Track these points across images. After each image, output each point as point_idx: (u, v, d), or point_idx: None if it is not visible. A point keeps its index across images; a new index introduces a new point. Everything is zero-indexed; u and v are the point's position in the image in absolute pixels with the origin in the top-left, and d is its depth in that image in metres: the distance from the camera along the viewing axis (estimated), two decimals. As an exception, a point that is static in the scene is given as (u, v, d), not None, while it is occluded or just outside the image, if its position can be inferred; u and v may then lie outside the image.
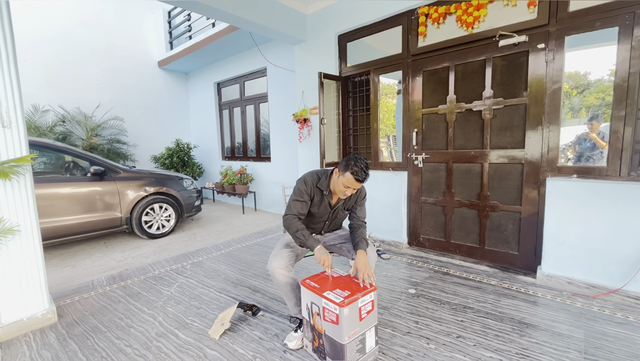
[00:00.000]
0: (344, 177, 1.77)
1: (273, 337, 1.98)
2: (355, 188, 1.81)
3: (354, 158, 1.77)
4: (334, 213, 2.04)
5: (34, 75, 5.48)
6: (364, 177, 1.75)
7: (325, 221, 2.06)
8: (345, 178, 1.76)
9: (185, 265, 3.24)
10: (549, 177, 2.56)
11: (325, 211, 2.00)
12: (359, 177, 1.73)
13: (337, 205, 2.01)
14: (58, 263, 3.46)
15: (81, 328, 2.15)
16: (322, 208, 1.97)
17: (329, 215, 2.03)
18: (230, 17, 3.49)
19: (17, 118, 2.06)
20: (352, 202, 2.04)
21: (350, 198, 2.02)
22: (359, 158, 1.77)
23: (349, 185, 1.78)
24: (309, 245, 1.82)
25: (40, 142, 3.70)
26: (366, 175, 1.76)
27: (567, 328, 1.98)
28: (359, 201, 2.05)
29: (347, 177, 1.75)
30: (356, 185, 1.78)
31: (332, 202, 1.99)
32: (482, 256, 3.04)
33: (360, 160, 1.76)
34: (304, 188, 1.90)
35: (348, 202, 2.04)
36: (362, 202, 2.06)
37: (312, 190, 1.92)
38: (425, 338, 1.93)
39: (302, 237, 1.82)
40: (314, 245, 1.81)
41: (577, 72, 3.09)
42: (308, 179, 1.92)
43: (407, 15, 3.29)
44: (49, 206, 3.48)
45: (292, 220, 1.87)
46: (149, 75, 6.96)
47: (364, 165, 1.75)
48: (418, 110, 3.33)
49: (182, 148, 6.57)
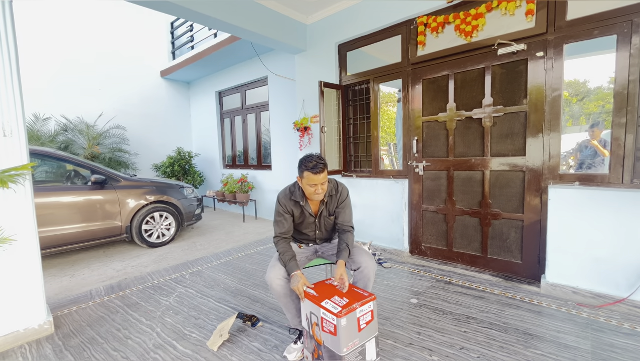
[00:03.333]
0: (304, 178, 1.80)
1: (272, 348, 1.94)
2: (320, 183, 1.80)
3: (303, 158, 1.83)
4: (319, 221, 2.02)
5: (37, 84, 5.54)
6: (316, 165, 1.76)
7: (314, 230, 2.04)
8: (305, 178, 1.80)
9: (185, 275, 3.21)
10: (551, 185, 2.54)
11: (310, 220, 1.99)
12: (313, 168, 1.76)
13: (320, 212, 1.99)
14: (57, 272, 3.43)
15: (78, 339, 2.12)
16: (306, 219, 1.98)
17: (315, 223, 2.01)
18: (231, 28, 3.54)
19: (19, 127, 2.07)
20: (333, 205, 1.99)
21: (332, 202, 1.99)
22: (308, 155, 1.83)
23: (312, 182, 1.78)
24: (287, 270, 1.81)
25: (41, 151, 3.72)
26: (318, 163, 1.77)
27: (573, 339, 1.93)
28: (340, 204, 1.99)
29: (306, 175, 1.78)
30: (316, 179, 1.77)
31: (313, 211, 1.97)
32: (484, 265, 3.00)
33: (309, 155, 1.82)
34: (279, 208, 1.93)
35: (330, 206, 1.99)
36: (343, 204, 1.99)
37: (288, 206, 1.93)
38: (428, 349, 1.88)
39: (282, 261, 1.83)
40: (291, 270, 1.79)
41: (576, 80, 3.10)
42: (281, 197, 1.94)
43: (406, 25, 3.33)
44: (49, 215, 3.48)
45: (277, 243, 1.90)
46: (151, 85, 7.03)
47: (315, 156, 1.80)
48: (418, 118, 3.33)
49: (183, 157, 6.59)
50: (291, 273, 1.78)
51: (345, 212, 1.99)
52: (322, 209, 1.98)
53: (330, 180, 1.97)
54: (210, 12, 3.20)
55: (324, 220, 2.02)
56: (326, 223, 2.04)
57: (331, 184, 1.96)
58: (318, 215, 1.99)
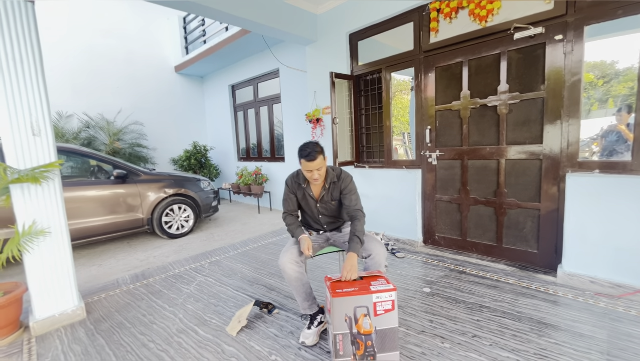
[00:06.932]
0: (301, 164, 1.96)
1: (288, 334, 2.02)
2: (316, 169, 1.93)
3: (300, 146, 1.97)
4: (322, 205, 2.12)
5: (59, 84, 5.77)
6: (310, 153, 1.89)
7: (318, 214, 2.15)
8: (302, 165, 1.95)
9: (204, 264, 3.34)
10: (569, 173, 2.48)
11: (312, 203, 2.13)
12: (307, 156, 1.89)
13: (322, 196, 2.09)
14: (86, 262, 3.65)
15: (108, 323, 2.27)
16: (308, 202, 2.14)
17: (317, 207, 2.12)
18: (241, 21, 3.56)
19: (46, 126, 2.19)
20: (337, 192, 2.09)
21: (335, 188, 2.08)
22: (305, 143, 1.98)
23: (308, 168, 1.93)
24: (295, 235, 2.05)
25: (67, 148, 3.91)
26: (312, 151, 1.89)
27: (589, 329, 1.92)
28: (345, 188, 2.06)
29: (302, 162, 1.94)
30: (311, 165, 1.90)
31: (315, 195, 2.10)
32: (499, 254, 2.98)
33: (306, 143, 1.96)
34: (286, 188, 2.16)
35: (333, 192, 2.09)
36: (347, 189, 2.05)
37: (293, 187, 2.14)
38: (440, 337, 1.92)
39: (290, 231, 2.09)
40: (298, 235, 2.03)
41: (603, 62, 2.95)
42: (288, 179, 2.16)
43: (418, 11, 3.25)
44: (76, 208, 3.68)
45: (285, 217, 2.15)
46: (166, 80, 7.18)
47: (310, 144, 1.93)
48: (431, 107, 3.28)
49: (199, 150, 6.75)
50: (299, 238, 2.01)
51: (350, 197, 2.05)
52: (323, 194, 2.09)
53: (335, 168, 2.12)
54: (220, 6, 3.22)
55: (327, 204, 2.12)
56: (329, 208, 2.14)
57: (335, 172, 2.09)
58: (319, 199, 2.10)
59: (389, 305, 1.64)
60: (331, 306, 1.66)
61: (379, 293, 1.63)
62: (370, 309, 1.64)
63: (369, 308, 1.64)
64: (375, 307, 1.64)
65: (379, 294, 1.64)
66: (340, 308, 1.64)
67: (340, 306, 1.64)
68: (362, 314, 1.65)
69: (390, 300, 1.64)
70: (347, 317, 1.64)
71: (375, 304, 1.64)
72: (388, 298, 1.64)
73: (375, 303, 1.64)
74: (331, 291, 1.66)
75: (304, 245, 1.93)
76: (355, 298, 1.64)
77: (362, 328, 1.65)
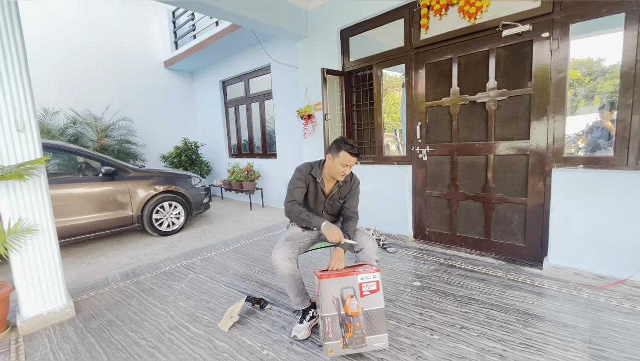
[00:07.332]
0: (339, 157, 1.90)
1: (280, 329, 2.03)
2: (350, 165, 1.93)
3: (341, 139, 1.93)
4: (329, 202, 2.12)
5: (45, 79, 5.62)
6: (356, 150, 1.90)
7: (322, 211, 2.14)
8: (340, 157, 1.90)
9: (195, 261, 3.33)
10: (555, 168, 2.54)
11: (321, 200, 2.10)
12: (352, 150, 1.88)
13: (332, 194, 2.09)
14: (74, 260, 3.59)
15: (97, 322, 2.25)
16: (317, 197, 2.08)
17: (325, 204, 2.12)
18: (232, 16, 3.52)
19: (31, 122, 2.14)
20: (346, 190, 2.11)
21: (346, 187, 2.10)
22: (345, 138, 1.95)
23: (346, 163, 1.90)
24: (314, 224, 1.94)
25: (53, 144, 3.83)
26: (357, 149, 1.92)
27: (572, 319, 1.98)
28: (353, 190, 2.13)
29: (342, 155, 1.89)
30: (351, 161, 1.90)
31: (326, 191, 2.08)
32: (488, 248, 3.04)
33: (345, 138, 1.94)
34: (299, 176, 2.05)
35: (343, 190, 2.11)
36: (354, 191, 2.13)
37: (307, 178, 2.06)
38: (430, 329, 1.96)
39: (307, 217, 1.95)
40: (319, 222, 1.92)
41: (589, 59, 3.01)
42: (302, 168, 2.07)
43: (408, 8, 3.27)
44: (64, 206, 3.61)
45: (293, 205, 2.01)
46: (155, 76, 7.06)
47: (352, 141, 1.92)
48: (422, 103, 3.31)
49: (189, 147, 6.67)
50: (321, 225, 1.90)
51: (353, 198, 2.12)
52: (334, 191, 2.09)
53: None
54: (210, 0, 3.18)
55: (335, 202, 2.13)
56: (334, 206, 2.15)
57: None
58: (330, 195, 2.09)
59: (373, 285, 1.71)
60: (319, 290, 1.72)
61: (364, 273, 1.72)
62: (356, 290, 1.71)
63: (355, 289, 1.71)
64: (361, 288, 1.72)
65: (364, 275, 1.72)
66: (328, 290, 1.72)
67: (327, 288, 1.72)
68: (349, 295, 1.71)
69: (374, 281, 1.71)
70: (334, 298, 1.71)
71: (361, 285, 1.72)
72: (372, 279, 1.71)
73: (361, 283, 1.72)
74: (318, 275, 1.75)
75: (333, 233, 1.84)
76: (341, 279, 1.73)
77: (350, 309, 1.70)
